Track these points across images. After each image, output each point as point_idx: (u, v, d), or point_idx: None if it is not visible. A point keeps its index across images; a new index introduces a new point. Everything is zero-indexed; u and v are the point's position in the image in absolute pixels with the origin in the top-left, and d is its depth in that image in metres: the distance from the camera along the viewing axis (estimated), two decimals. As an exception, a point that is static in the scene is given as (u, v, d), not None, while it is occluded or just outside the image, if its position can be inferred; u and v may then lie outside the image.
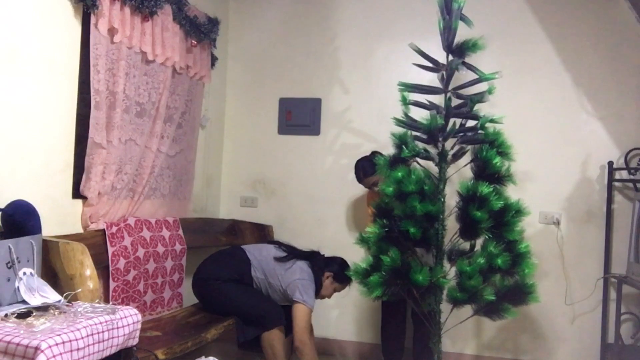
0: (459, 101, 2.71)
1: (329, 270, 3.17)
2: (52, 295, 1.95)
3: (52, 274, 2.14)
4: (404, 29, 3.73)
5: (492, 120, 2.62)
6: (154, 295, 3.00)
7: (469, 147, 2.74)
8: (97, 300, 2.05)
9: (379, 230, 2.60)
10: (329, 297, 3.25)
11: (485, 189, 2.50)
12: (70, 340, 1.65)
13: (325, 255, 3.24)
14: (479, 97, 2.64)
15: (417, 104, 2.74)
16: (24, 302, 1.89)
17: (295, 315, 2.99)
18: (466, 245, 2.71)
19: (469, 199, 2.52)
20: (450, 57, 2.69)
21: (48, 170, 2.41)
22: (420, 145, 2.68)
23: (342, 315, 3.83)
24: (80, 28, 2.54)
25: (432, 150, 2.69)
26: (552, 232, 3.53)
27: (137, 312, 1.99)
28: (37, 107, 2.33)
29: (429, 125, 2.58)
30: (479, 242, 2.68)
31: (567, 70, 3.54)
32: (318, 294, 3.16)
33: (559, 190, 3.53)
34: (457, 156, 2.74)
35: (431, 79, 2.86)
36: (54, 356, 1.57)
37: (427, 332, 2.93)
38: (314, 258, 3.19)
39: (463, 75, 2.89)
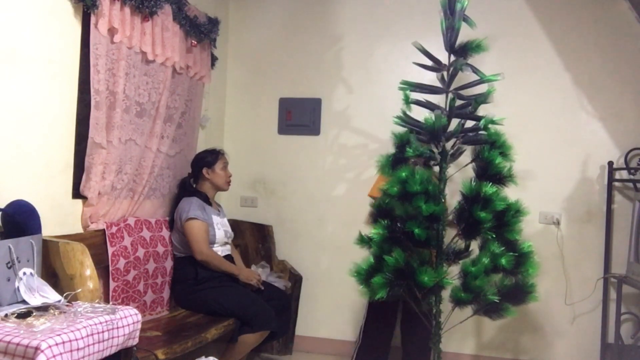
0: (460, 101, 2.71)
1: (196, 169, 3.24)
2: (52, 295, 1.94)
3: (52, 274, 2.14)
4: (404, 28, 3.73)
5: (492, 122, 2.62)
6: (154, 295, 3.00)
7: (466, 147, 2.75)
8: (97, 300, 2.05)
9: (382, 231, 2.60)
10: (227, 180, 3.29)
11: (489, 189, 2.50)
12: (70, 340, 1.65)
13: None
14: (483, 98, 2.64)
15: (419, 104, 2.74)
16: (24, 302, 1.88)
17: (188, 233, 3.03)
18: (461, 245, 2.71)
19: (473, 199, 2.52)
20: (453, 57, 2.69)
21: (48, 170, 2.41)
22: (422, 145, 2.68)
23: (341, 315, 3.83)
24: (80, 28, 2.54)
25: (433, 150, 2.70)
26: (552, 232, 3.53)
27: (137, 312, 1.99)
28: (37, 107, 2.33)
29: (433, 125, 2.57)
30: (474, 243, 2.68)
31: (567, 71, 3.54)
32: (215, 191, 3.26)
33: (559, 190, 3.53)
34: (455, 156, 2.75)
35: (431, 79, 2.86)
36: (54, 356, 1.57)
37: (422, 334, 2.94)
38: (180, 187, 3.30)
39: (463, 76, 2.89)
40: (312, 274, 3.82)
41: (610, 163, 3.41)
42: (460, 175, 3.04)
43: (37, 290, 1.92)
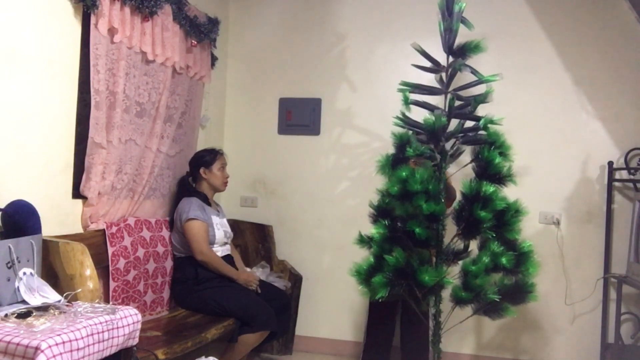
0: (459, 102, 2.71)
1: (194, 169, 3.24)
2: (52, 295, 1.94)
3: (52, 274, 2.14)
4: (404, 28, 3.73)
5: (492, 122, 2.62)
6: (154, 295, 3.00)
7: (465, 147, 2.75)
8: (97, 300, 2.05)
9: (382, 231, 2.60)
10: (225, 181, 3.29)
11: (489, 188, 2.50)
12: (70, 340, 1.65)
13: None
14: (482, 98, 2.64)
15: (418, 104, 2.74)
16: (24, 302, 1.88)
17: (188, 234, 3.04)
18: (460, 246, 2.72)
19: (473, 199, 2.52)
20: (451, 59, 2.69)
21: (48, 170, 2.41)
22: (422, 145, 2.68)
23: (341, 315, 3.83)
24: (80, 28, 2.54)
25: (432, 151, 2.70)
26: (552, 232, 3.53)
27: (137, 312, 1.99)
28: (37, 107, 2.33)
29: (433, 125, 2.57)
30: (473, 243, 2.68)
31: (567, 70, 3.54)
32: (213, 191, 3.26)
33: (559, 190, 3.53)
34: (455, 156, 2.75)
35: (431, 79, 2.86)
36: (54, 356, 1.57)
37: (421, 334, 2.93)
38: (179, 186, 3.30)
39: (462, 76, 2.89)
40: (312, 274, 3.82)
41: (610, 163, 3.41)
42: (460, 174, 3.04)
43: (37, 290, 1.92)
